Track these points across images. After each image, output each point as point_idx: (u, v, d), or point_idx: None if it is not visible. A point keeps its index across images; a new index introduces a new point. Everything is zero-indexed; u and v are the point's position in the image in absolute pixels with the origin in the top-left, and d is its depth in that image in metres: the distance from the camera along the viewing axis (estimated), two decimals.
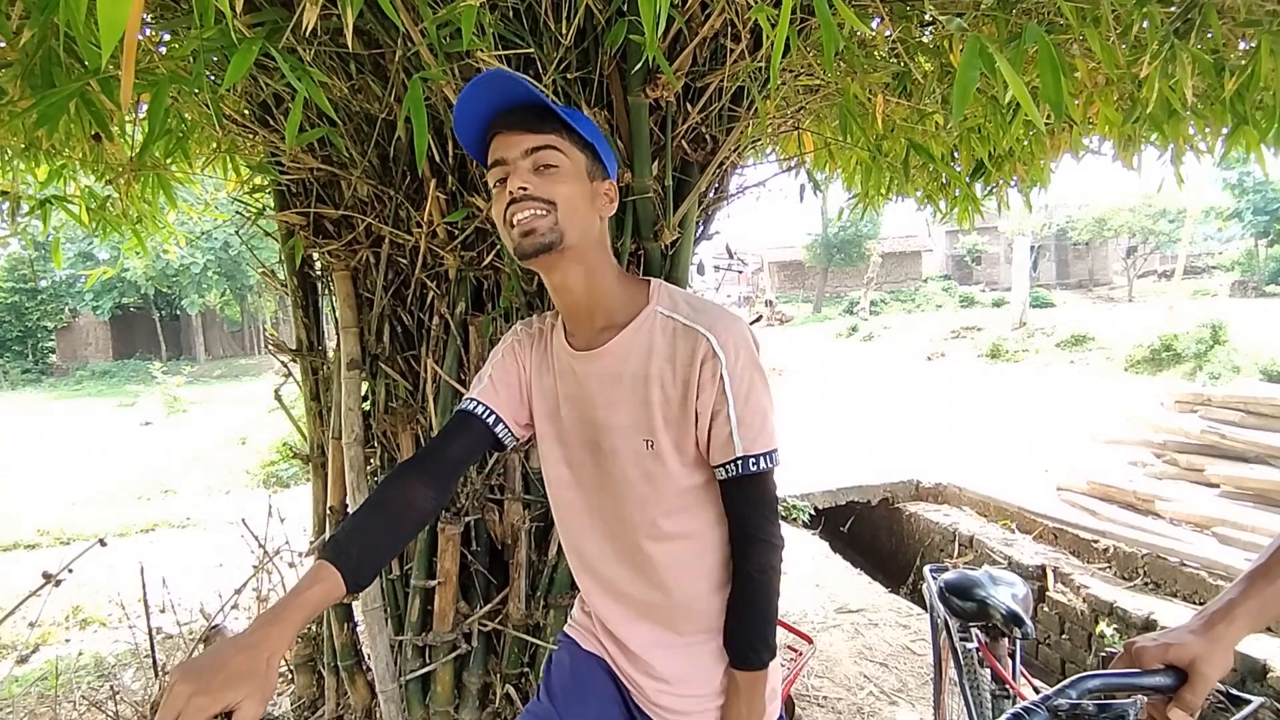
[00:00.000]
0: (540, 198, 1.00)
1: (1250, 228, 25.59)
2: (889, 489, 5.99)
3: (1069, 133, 2.39)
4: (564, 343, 1.14)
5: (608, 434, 1.10)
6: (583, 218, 1.04)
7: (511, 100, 1.03)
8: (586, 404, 1.11)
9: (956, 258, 36.98)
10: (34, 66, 1.26)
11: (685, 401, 1.04)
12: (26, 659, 3.75)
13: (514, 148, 1.01)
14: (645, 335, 1.07)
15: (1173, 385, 9.82)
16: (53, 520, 7.00)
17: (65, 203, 2.22)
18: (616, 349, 1.08)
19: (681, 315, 1.07)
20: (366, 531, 0.99)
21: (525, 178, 1.00)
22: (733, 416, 1.02)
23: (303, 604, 0.87)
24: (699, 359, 1.03)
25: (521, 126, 1.01)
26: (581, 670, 1.22)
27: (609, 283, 1.10)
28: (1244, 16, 1.75)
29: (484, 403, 1.14)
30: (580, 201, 1.03)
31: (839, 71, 1.78)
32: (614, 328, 1.09)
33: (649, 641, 1.15)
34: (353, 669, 2.27)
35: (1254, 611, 0.81)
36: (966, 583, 1.58)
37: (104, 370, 26.19)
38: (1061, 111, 1.17)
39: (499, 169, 1.03)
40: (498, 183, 1.04)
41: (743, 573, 1.07)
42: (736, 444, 1.02)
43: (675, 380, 1.05)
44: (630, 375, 1.07)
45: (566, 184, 1.02)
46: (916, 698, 2.88)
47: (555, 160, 1.01)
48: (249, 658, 0.78)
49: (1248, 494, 4.74)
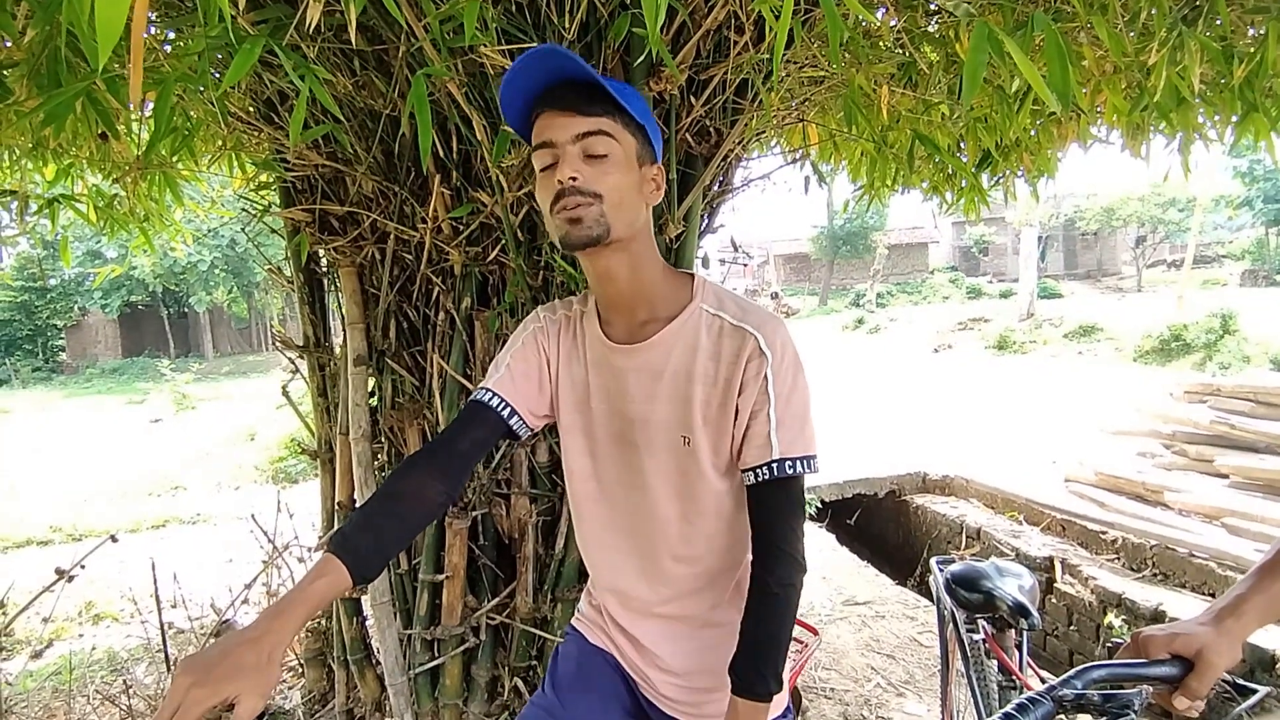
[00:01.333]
0: (588, 190, 0.96)
1: (1261, 216, 25.33)
2: (896, 481, 5.98)
3: (1076, 122, 2.37)
4: (599, 333, 1.11)
5: (644, 429, 1.07)
6: (630, 208, 1.00)
7: (561, 74, 0.97)
8: (621, 397, 1.09)
9: (963, 249, 36.78)
10: (40, 66, 1.26)
11: (726, 400, 1.02)
12: (41, 654, 3.79)
13: (563, 130, 0.96)
14: (690, 331, 1.05)
15: (1182, 376, 9.76)
16: (64, 517, 7.07)
17: (73, 201, 2.23)
18: (660, 344, 1.06)
19: (729, 314, 1.05)
20: (375, 524, 0.98)
21: (575, 166, 0.96)
22: (773, 416, 1.00)
23: (307, 598, 0.86)
24: (744, 357, 1.01)
25: (572, 107, 0.97)
26: (587, 664, 1.23)
27: (654, 274, 1.07)
28: (1253, 3, 1.74)
29: (499, 394, 1.11)
30: (629, 192, 1.00)
31: (844, 62, 1.77)
32: (657, 321, 1.07)
33: (659, 634, 1.15)
34: (362, 663, 2.28)
35: (1263, 606, 0.81)
36: (973, 574, 1.58)
37: (113, 368, 26.38)
38: (1069, 100, 1.16)
39: (546, 151, 0.98)
40: (545, 168, 0.99)
41: (763, 585, 1.01)
42: (774, 444, 0.99)
43: (718, 378, 1.03)
44: (672, 371, 1.05)
45: (616, 173, 0.98)
46: (924, 689, 2.88)
47: (605, 148, 0.97)
48: (250, 651, 0.78)
49: (1257, 484, 4.71)
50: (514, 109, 1.02)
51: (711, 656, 1.12)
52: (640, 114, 1.02)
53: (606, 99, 0.97)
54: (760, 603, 1.01)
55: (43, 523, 6.86)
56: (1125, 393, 9.63)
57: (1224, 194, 25.73)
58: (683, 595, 1.13)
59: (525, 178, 1.72)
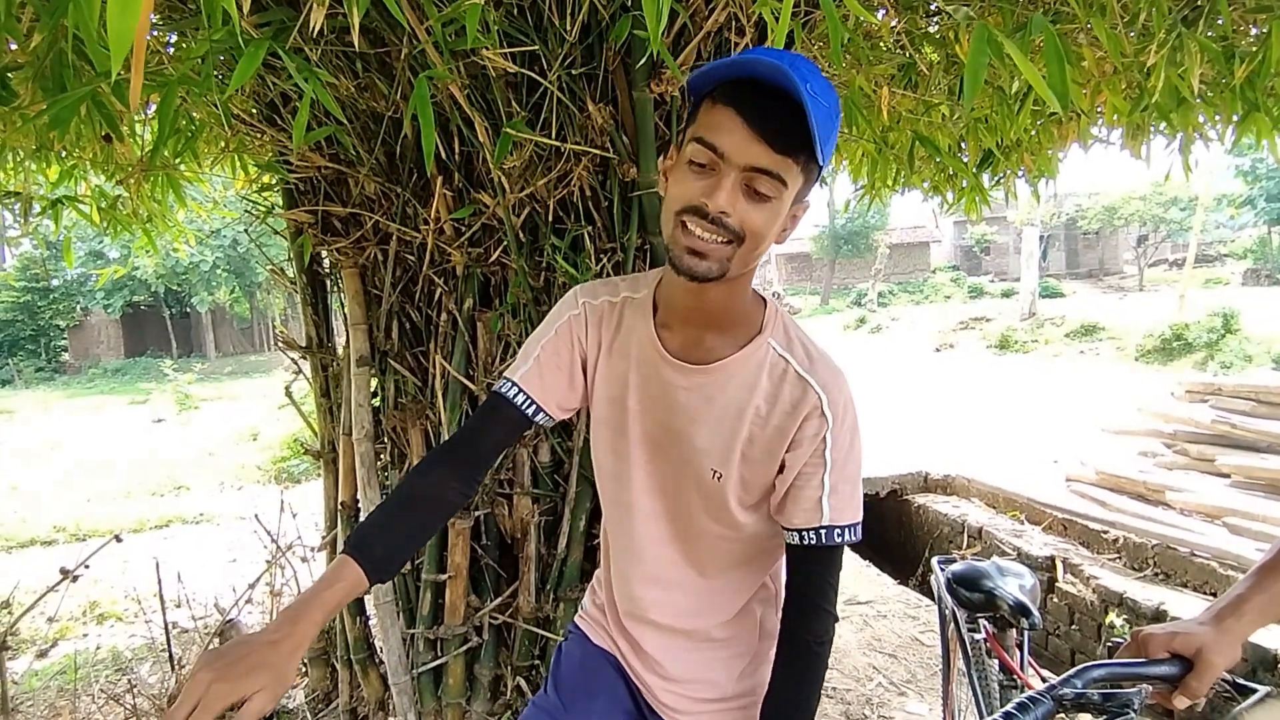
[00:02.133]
0: (732, 228, 0.86)
1: (1263, 215, 25.29)
2: (897, 481, 5.98)
3: (1077, 122, 2.37)
4: (654, 336, 1.03)
5: (679, 445, 1.03)
6: (760, 252, 0.91)
7: (771, 77, 0.82)
8: (665, 409, 1.03)
9: (965, 248, 36.76)
10: (45, 70, 1.27)
11: (773, 447, 0.97)
12: (46, 653, 3.81)
13: (742, 151, 0.83)
14: (753, 369, 0.99)
15: (1184, 375, 9.75)
16: (68, 517, 7.08)
17: (76, 202, 2.25)
18: (720, 373, 0.99)
19: (795, 359, 0.98)
20: (393, 524, 0.97)
21: (730, 197, 0.84)
22: (826, 483, 0.96)
23: (324, 602, 0.87)
24: (803, 414, 0.95)
25: (764, 133, 0.82)
26: (590, 664, 1.22)
27: (739, 303, 1.00)
28: (1255, 3, 1.74)
29: (524, 389, 1.06)
30: (768, 236, 0.89)
31: (844, 63, 1.77)
32: (722, 345, 1.00)
33: (660, 642, 1.14)
34: (366, 662, 2.29)
35: (1263, 606, 0.81)
36: (974, 574, 1.58)
37: (116, 368, 26.41)
38: (1067, 101, 1.17)
39: (707, 153, 0.85)
40: (696, 164, 0.86)
41: (798, 641, 0.98)
42: (825, 511, 0.95)
43: (769, 423, 0.97)
44: (724, 403, 0.99)
45: (769, 219, 0.88)
46: (925, 689, 2.88)
47: (773, 191, 0.85)
48: (271, 652, 0.79)
49: (1259, 484, 4.71)
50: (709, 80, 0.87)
51: (713, 669, 1.12)
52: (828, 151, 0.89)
53: (802, 136, 0.82)
54: (795, 659, 0.98)
55: (46, 523, 6.88)
56: (1127, 392, 9.62)
57: (1226, 193, 25.71)
58: (688, 611, 1.11)
59: (527, 179, 1.72)
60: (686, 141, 0.89)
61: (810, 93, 0.81)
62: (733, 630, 1.12)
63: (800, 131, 0.81)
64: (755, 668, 1.14)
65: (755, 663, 1.15)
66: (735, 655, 1.13)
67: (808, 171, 0.88)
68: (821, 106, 0.83)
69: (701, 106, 0.88)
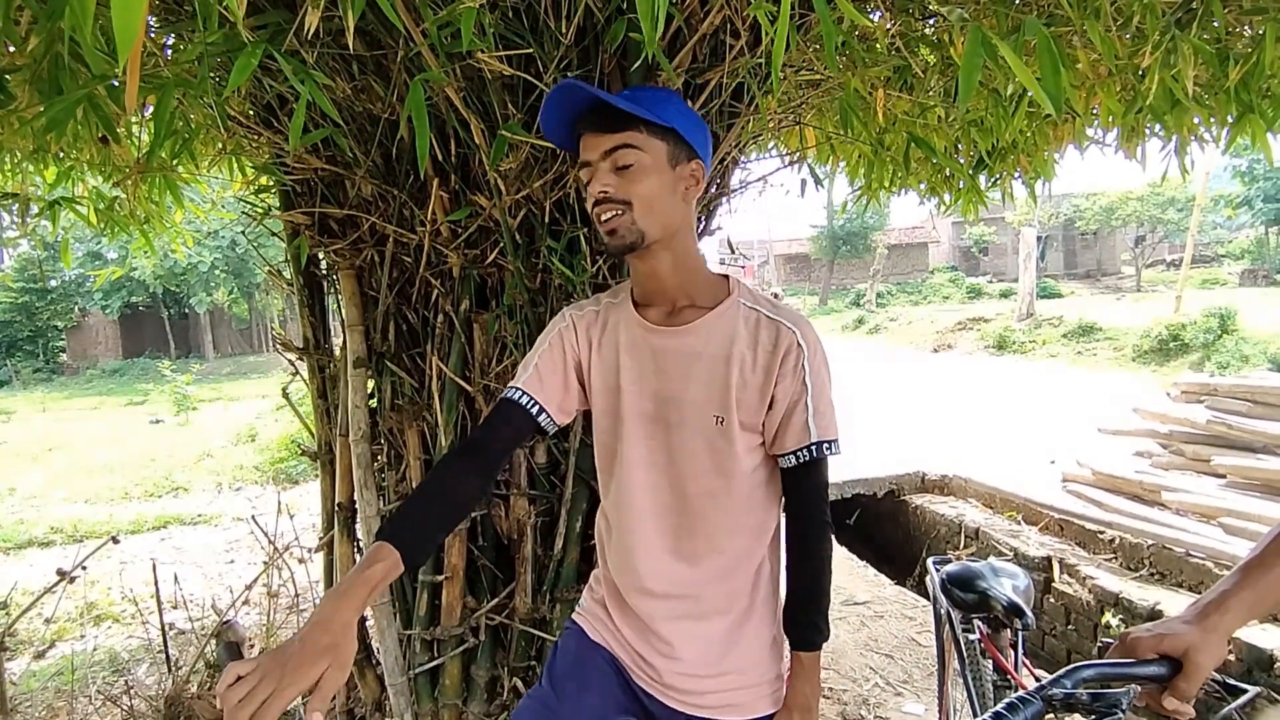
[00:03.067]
0: (617, 199, 1.06)
1: (1260, 215, 25.34)
2: (895, 481, 5.99)
3: (1072, 124, 2.38)
4: (635, 316, 1.18)
5: (677, 407, 1.14)
6: (662, 210, 1.09)
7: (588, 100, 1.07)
8: (656, 377, 1.15)
9: (963, 249, 36.79)
10: (42, 72, 1.27)
11: (764, 387, 1.11)
12: (43, 654, 3.80)
13: (594, 149, 1.07)
14: (729, 321, 1.13)
15: (1180, 375, 9.77)
16: (66, 518, 7.07)
17: (74, 204, 2.25)
18: (700, 328, 1.14)
19: (763, 309, 1.14)
20: (419, 517, 1.04)
21: (605, 180, 1.06)
22: (810, 405, 1.10)
23: (367, 580, 0.92)
24: (783, 349, 1.10)
25: (600, 127, 1.07)
26: (586, 659, 1.24)
27: (695, 267, 1.17)
28: (1250, 4, 1.75)
29: (528, 393, 1.17)
30: (659, 195, 1.08)
31: (839, 66, 1.78)
32: (696, 309, 1.15)
33: (671, 617, 1.17)
34: (362, 663, 2.29)
35: (1249, 602, 0.81)
36: (968, 574, 1.59)
37: (114, 369, 26.38)
38: (1061, 104, 1.17)
39: (585, 170, 1.09)
40: (587, 183, 1.09)
41: (807, 553, 1.14)
42: (812, 430, 1.09)
43: (755, 366, 1.11)
44: (710, 355, 1.12)
45: (643, 180, 1.06)
46: (922, 689, 2.89)
47: (631, 159, 1.06)
48: (323, 633, 0.83)
49: (1254, 484, 4.72)
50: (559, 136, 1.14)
51: (719, 647, 1.16)
52: (669, 117, 1.08)
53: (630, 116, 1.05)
54: (808, 567, 1.14)
55: (44, 524, 6.87)
56: (1123, 392, 9.64)
57: (1223, 193, 25.75)
58: (702, 579, 1.16)
59: (523, 180, 1.73)
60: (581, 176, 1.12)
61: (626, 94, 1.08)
62: (741, 603, 1.17)
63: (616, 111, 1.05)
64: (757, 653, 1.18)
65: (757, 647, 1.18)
66: (737, 625, 1.17)
67: (662, 136, 1.08)
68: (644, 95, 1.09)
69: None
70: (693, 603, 1.17)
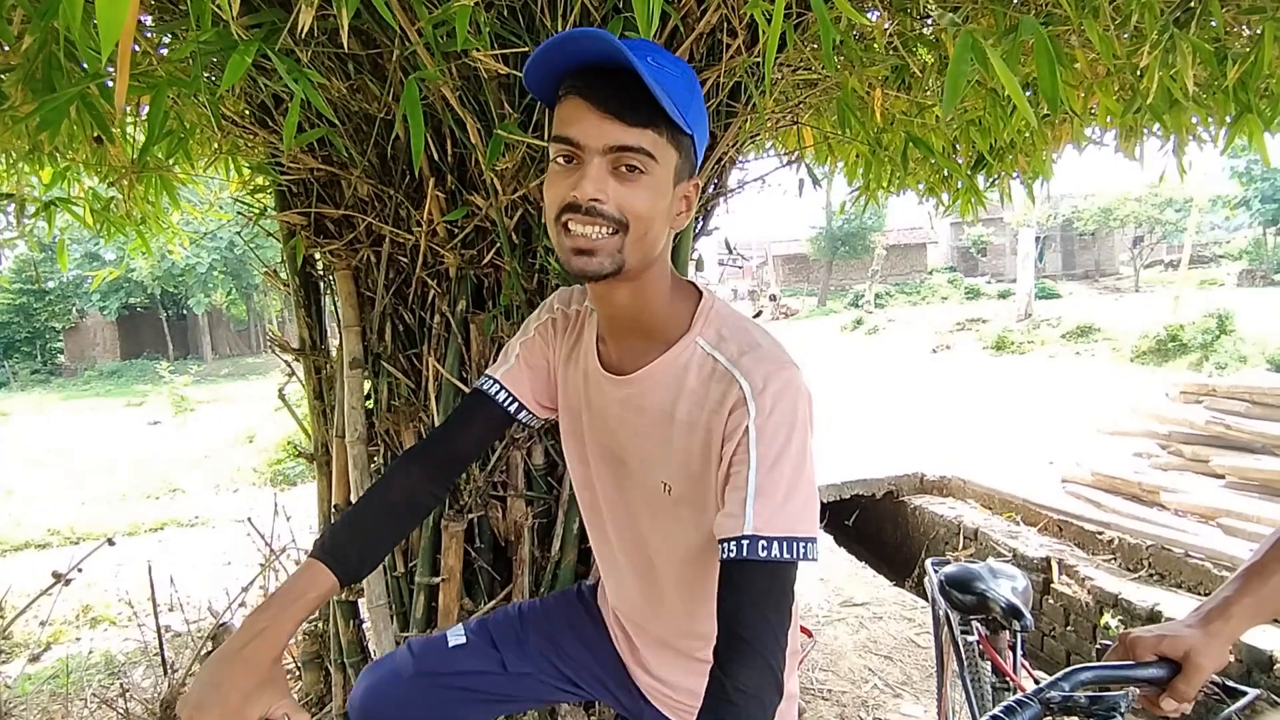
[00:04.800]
0: (610, 216, 0.81)
1: (1258, 216, 25.40)
2: (894, 482, 5.99)
3: (1070, 124, 2.38)
4: (594, 348, 1.02)
5: (628, 459, 1.00)
6: (653, 238, 0.85)
7: (604, 57, 0.77)
8: (613, 421, 1.00)
9: (962, 249, 36.81)
10: (35, 71, 1.27)
11: (707, 452, 0.89)
12: (39, 657, 3.79)
13: (596, 136, 0.79)
14: (678, 371, 0.92)
15: (1179, 376, 9.77)
16: (62, 520, 7.05)
17: (70, 204, 2.24)
18: (644, 380, 0.94)
19: (724, 354, 0.89)
20: (363, 527, 0.95)
21: (600, 183, 0.80)
22: (751, 482, 0.81)
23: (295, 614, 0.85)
24: (726, 408, 0.86)
25: (613, 110, 0.78)
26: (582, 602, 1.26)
27: (659, 301, 0.93)
28: (1248, 3, 1.75)
29: (505, 386, 1.05)
30: (656, 219, 0.84)
31: (837, 65, 1.77)
32: (648, 350, 0.94)
33: (650, 645, 1.15)
34: (359, 665, 2.28)
35: (1250, 609, 0.81)
36: (966, 576, 1.59)
37: (112, 370, 26.35)
38: (1058, 105, 1.17)
39: (566, 148, 0.81)
40: (560, 159, 0.83)
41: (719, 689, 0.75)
42: (749, 517, 0.80)
43: (697, 425, 0.89)
44: (654, 408, 0.94)
45: (647, 198, 0.82)
46: (921, 690, 2.88)
47: (643, 165, 0.81)
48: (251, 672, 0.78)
49: (1253, 484, 4.72)
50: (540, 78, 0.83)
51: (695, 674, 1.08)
52: (692, 119, 0.84)
53: (656, 106, 0.78)
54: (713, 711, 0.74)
55: (41, 526, 6.85)
56: (1122, 393, 9.64)
57: (1221, 194, 25.80)
58: (670, 629, 1.10)
59: (520, 180, 1.72)
60: (550, 147, 0.85)
61: (652, 63, 0.78)
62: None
63: (649, 100, 0.77)
64: None
65: None
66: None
67: (678, 144, 0.84)
68: (670, 74, 0.80)
69: (554, 112, 0.84)
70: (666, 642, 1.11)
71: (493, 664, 1.16)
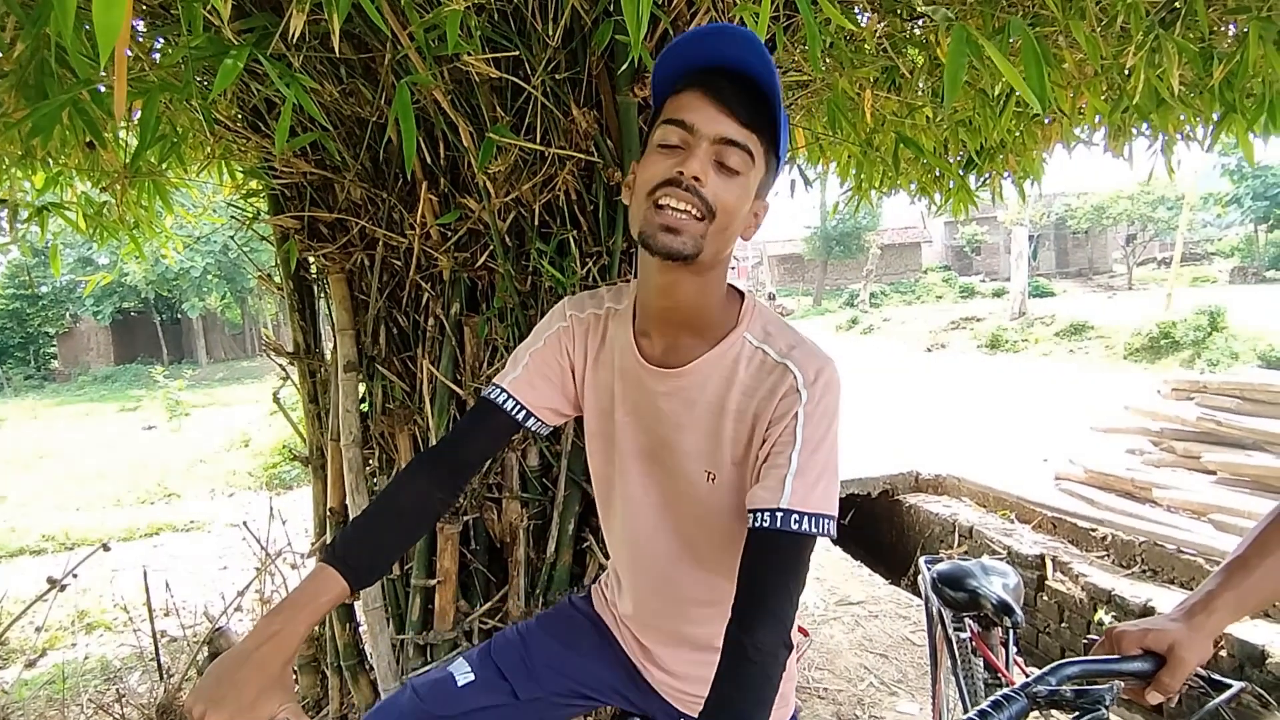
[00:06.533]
0: (705, 199, 0.87)
1: (1250, 213, 25.55)
2: (889, 481, 6.01)
3: (1059, 124, 2.39)
4: (632, 344, 1.03)
5: (671, 454, 1.02)
6: (730, 235, 0.92)
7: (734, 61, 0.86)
8: (651, 417, 1.03)
9: (956, 248, 36.93)
10: (27, 77, 1.27)
11: (753, 438, 0.95)
12: (34, 663, 3.78)
13: (710, 124, 0.86)
14: (729, 364, 0.97)
15: (1171, 373, 9.82)
16: (57, 525, 7.02)
17: (62, 209, 2.24)
18: (696, 373, 0.98)
19: (773, 348, 0.96)
20: (373, 533, 0.97)
21: (704, 166, 0.86)
22: (794, 461, 0.88)
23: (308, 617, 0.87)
24: (779, 394, 0.92)
25: (731, 106, 0.86)
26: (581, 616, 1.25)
27: (715, 298, 0.98)
28: (1233, 3, 1.76)
29: (513, 395, 1.05)
30: (738, 218, 0.91)
31: (827, 67, 1.78)
32: (698, 345, 0.99)
33: (662, 643, 1.15)
34: (355, 668, 2.28)
35: (1232, 602, 0.82)
36: (959, 573, 1.60)
37: (106, 375, 26.20)
38: (1047, 103, 1.18)
39: (678, 131, 0.88)
40: (664, 146, 0.89)
41: (738, 648, 0.82)
42: (786, 492, 0.87)
43: (749, 414, 0.95)
44: (705, 402, 0.98)
45: (738, 194, 0.89)
46: (916, 688, 2.90)
47: (742, 166, 0.88)
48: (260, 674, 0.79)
49: (1244, 480, 4.75)
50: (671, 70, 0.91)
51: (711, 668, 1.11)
52: (783, 143, 0.94)
53: (767, 112, 0.88)
54: (734, 669, 0.81)
55: (35, 532, 6.82)
56: (1115, 390, 9.68)
57: (1213, 192, 25.94)
58: (690, 621, 1.11)
59: (512, 183, 1.73)
60: (654, 129, 0.91)
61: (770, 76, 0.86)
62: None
63: (764, 107, 0.87)
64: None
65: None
66: None
67: (768, 159, 0.92)
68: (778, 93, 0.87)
69: (665, 102, 0.92)
70: (683, 639, 1.13)
71: (504, 695, 1.15)
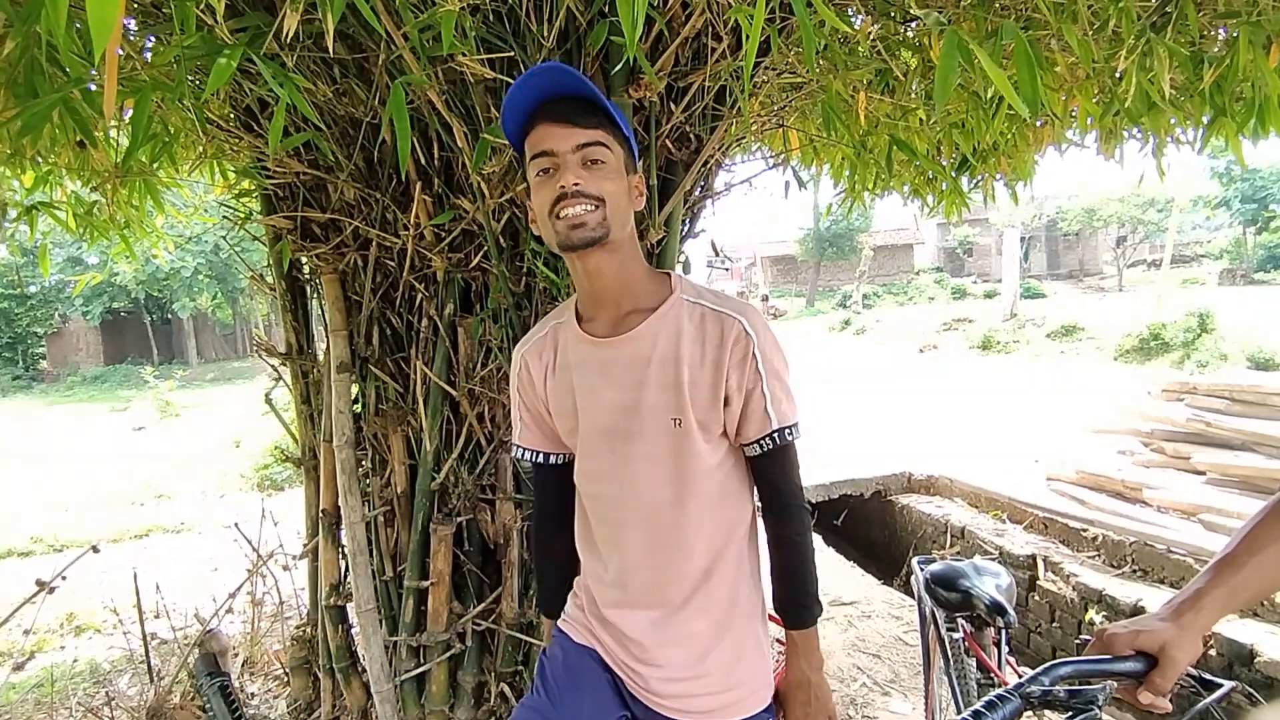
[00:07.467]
0: (591, 194, 1.04)
1: (1238, 215, 25.76)
2: (881, 481, 6.02)
3: (1051, 126, 2.41)
4: (580, 333, 1.17)
5: (633, 416, 1.13)
6: (624, 212, 1.09)
7: (558, 90, 1.05)
8: (608, 389, 1.14)
9: (948, 250, 37.06)
10: (17, 76, 1.26)
11: (715, 381, 1.09)
12: (23, 666, 3.74)
13: (563, 141, 1.04)
14: (674, 320, 1.12)
15: (1161, 374, 9.89)
16: (46, 527, 6.96)
17: (52, 208, 2.22)
18: (645, 332, 1.12)
19: (707, 302, 1.13)
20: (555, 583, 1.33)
21: (576, 173, 1.03)
22: (766, 393, 1.09)
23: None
24: (730, 340, 1.08)
25: (570, 120, 1.04)
26: (574, 662, 1.25)
27: (639, 271, 1.16)
28: (1223, 7, 1.78)
29: (525, 447, 1.27)
30: (622, 197, 1.08)
31: (821, 69, 1.79)
32: (639, 313, 1.14)
33: (645, 625, 1.17)
34: (348, 670, 2.27)
35: (1221, 600, 0.83)
36: (951, 574, 1.60)
37: (95, 375, 26.00)
38: (1038, 106, 1.19)
39: (544, 159, 1.06)
40: (541, 173, 1.07)
41: (783, 538, 1.16)
42: (772, 418, 1.09)
43: (704, 361, 1.10)
44: (659, 357, 1.11)
45: (612, 180, 1.06)
46: (909, 688, 2.90)
47: (603, 156, 1.06)
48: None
49: (1233, 481, 4.78)
50: (513, 123, 1.09)
51: (700, 647, 1.16)
52: (626, 127, 1.11)
53: (601, 112, 1.06)
54: (787, 553, 1.16)
55: (24, 533, 6.76)
56: (1106, 391, 9.74)
57: (1202, 194, 26.13)
58: (676, 583, 1.16)
59: (506, 184, 1.72)
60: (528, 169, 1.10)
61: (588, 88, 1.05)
62: (714, 599, 1.17)
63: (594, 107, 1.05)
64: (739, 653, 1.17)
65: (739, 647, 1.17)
66: (719, 624, 1.17)
67: (621, 141, 1.10)
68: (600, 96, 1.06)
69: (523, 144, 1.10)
70: (670, 609, 1.17)
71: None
